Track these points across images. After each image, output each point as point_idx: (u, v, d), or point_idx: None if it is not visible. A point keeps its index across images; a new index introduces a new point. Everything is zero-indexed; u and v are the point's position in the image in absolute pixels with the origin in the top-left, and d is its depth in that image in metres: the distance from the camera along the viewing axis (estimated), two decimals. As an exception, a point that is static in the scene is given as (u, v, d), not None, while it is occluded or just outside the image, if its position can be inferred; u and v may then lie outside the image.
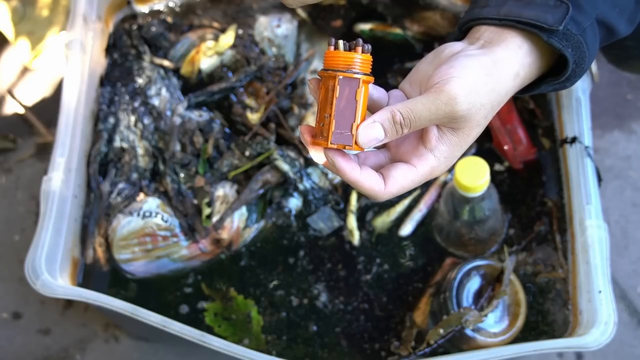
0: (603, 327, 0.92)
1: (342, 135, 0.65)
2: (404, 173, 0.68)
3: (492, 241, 1.07)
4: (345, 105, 0.65)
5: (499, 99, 0.68)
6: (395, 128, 0.66)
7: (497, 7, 0.70)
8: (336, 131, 0.65)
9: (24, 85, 1.44)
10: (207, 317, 1.05)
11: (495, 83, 0.67)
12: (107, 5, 1.23)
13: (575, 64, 0.70)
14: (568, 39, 0.68)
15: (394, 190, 0.68)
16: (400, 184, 0.68)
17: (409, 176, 0.68)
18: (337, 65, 0.65)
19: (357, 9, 1.27)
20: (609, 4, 0.72)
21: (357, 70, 0.65)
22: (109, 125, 1.14)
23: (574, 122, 1.07)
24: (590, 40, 0.70)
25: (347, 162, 0.66)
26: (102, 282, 1.08)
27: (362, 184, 0.67)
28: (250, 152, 1.13)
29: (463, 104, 0.65)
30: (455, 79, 0.65)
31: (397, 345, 1.03)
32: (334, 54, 0.66)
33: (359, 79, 0.65)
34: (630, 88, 1.38)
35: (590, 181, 1.02)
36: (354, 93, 0.65)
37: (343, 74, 0.65)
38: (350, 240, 1.10)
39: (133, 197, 1.09)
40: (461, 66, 0.66)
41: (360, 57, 0.65)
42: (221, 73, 1.19)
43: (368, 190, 0.67)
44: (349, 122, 0.65)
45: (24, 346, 1.21)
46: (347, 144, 0.65)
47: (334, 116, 0.65)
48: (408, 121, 0.65)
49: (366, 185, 0.67)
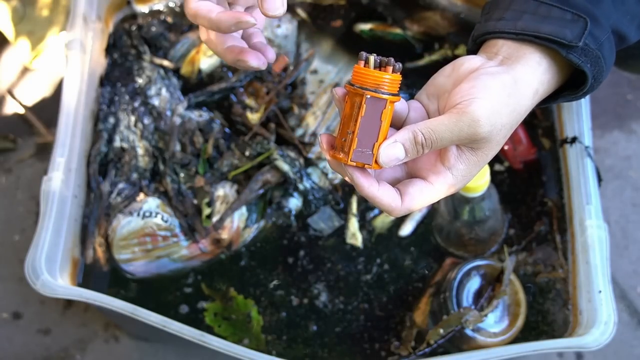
0: (603, 327, 0.92)
1: (363, 154, 0.65)
2: (420, 189, 0.68)
3: (492, 241, 1.07)
4: (370, 124, 0.65)
5: (519, 118, 0.68)
6: (416, 148, 0.65)
7: (513, 21, 0.69)
8: (357, 149, 0.65)
9: (24, 85, 1.44)
10: (207, 317, 1.05)
11: (516, 104, 0.67)
12: (107, 5, 1.23)
13: (593, 79, 0.69)
14: (587, 54, 0.68)
15: (411, 206, 0.68)
16: (417, 201, 0.68)
17: (426, 193, 0.68)
18: (366, 84, 0.64)
19: (357, 9, 1.27)
20: (620, 13, 0.71)
21: (386, 91, 0.64)
22: (109, 125, 1.14)
23: (574, 122, 1.07)
24: (607, 53, 0.70)
25: (366, 178, 0.66)
26: (102, 282, 1.08)
27: (379, 200, 0.67)
28: (250, 152, 1.13)
29: (485, 126, 0.64)
30: (477, 100, 0.64)
31: (397, 345, 1.03)
32: (364, 71, 0.64)
33: (386, 100, 0.64)
34: (630, 88, 1.38)
35: (590, 181, 1.02)
36: (380, 114, 0.64)
37: (371, 93, 0.64)
38: (353, 243, 1.09)
39: (133, 197, 1.09)
40: (483, 86, 0.65)
41: (389, 77, 0.64)
42: (221, 73, 1.19)
43: (385, 207, 0.67)
44: (371, 141, 0.65)
45: (24, 346, 1.21)
46: (367, 162, 0.65)
47: (357, 134, 0.64)
48: (430, 142, 0.65)
49: (384, 201, 0.67)
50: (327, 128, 1.15)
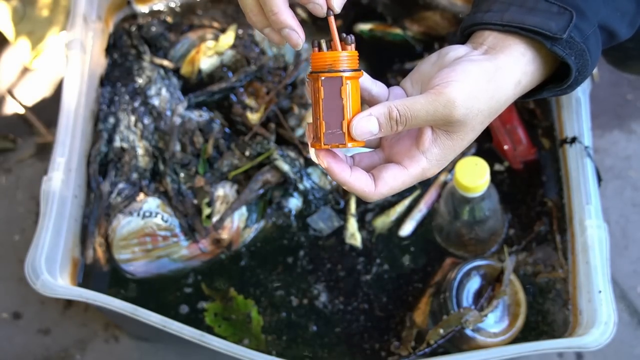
0: (603, 327, 0.92)
1: (334, 134, 0.65)
2: (394, 174, 0.68)
3: (492, 241, 1.07)
4: (332, 104, 0.65)
5: (498, 106, 0.68)
6: (390, 124, 0.66)
7: (500, 13, 0.70)
8: (327, 132, 0.65)
9: (24, 85, 1.44)
10: (207, 317, 1.05)
11: (495, 90, 0.67)
12: (107, 5, 1.23)
13: (577, 72, 0.69)
14: (571, 46, 0.68)
15: (384, 191, 0.68)
16: (390, 185, 0.68)
17: (399, 177, 0.68)
18: (322, 66, 0.65)
19: (357, 9, 1.27)
20: (610, 9, 0.72)
21: (344, 68, 0.65)
22: (109, 125, 1.14)
23: (574, 122, 1.07)
24: (592, 47, 0.70)
25: (338, 164, 0.67)
26: (102, 282, 1.08)
27: (352, 185, 0.68)
28: (250, 152, 1.13)
29: (461, 109, 0.65)
30: (455, 82, 0.65)
31: (397, 345, 1.03)
32: (317, 55, 0.66)
33: (340, 77, 0.65)
34: (630, 88, 1.38)
35: (590, 181, 1.02)
36: (338, 91, 0.65)
37: (325, 74, 0.65)
38: (352, 243, 1.09)
39: (133, 197, 1.09)
40: (462, 70, 0.66)
41: (345, 54, 0.65)
42: (221, 73, 1.19)
43: (358, 191, 0.68)
44: (337, 120, 0.65)
45: (24, 346, 1.21)
46: (340, 142, 0.65)
47: (322, 117, 0.65)
48: (404, 118, 0.65)
49: (356, 186, 0.68)
50: (327, 128, 1.15)
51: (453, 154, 0.69)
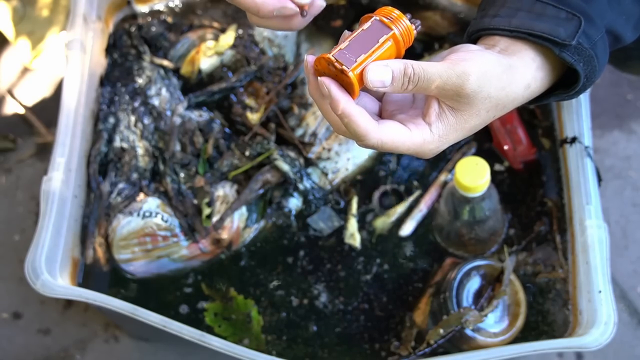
0: (603, 327, 0.92)
1: (347, 57, 0.64)
2: (397, 128, 0.66)
3: (492, 241, 1.07)
4: (367, 38, 0.64)
5: (505, 103, 0.68)
6: (403, 80, 0.65)
7: (508, 18, 0.70)
8: (344, 50, 0.64)
9: (24, 85, 1.44)
10: (207, 317, 1.05)
11: (507, 84, 0.67)
12: (107, 5, 1.23)
13: (585, 78, 0.69)
14: (580, 53, 0.68)
15: (384, 137, 0.66)
16: (391, 138, 0.66)
17: (402, 134, 0.66)
18: (381, 14, 0.66)
19: (357, 9, 1.27)
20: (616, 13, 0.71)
21: (396, 29, 0.65)
22: (109, 125, 1.14)
23: (574, 122, 1.07)
24: (600, 53, 0.70)
25: (344, 94, 0.65)
26: (102, 282, 1.08)
27: (355, 119, 0.65)
28: (250, 152, 1.13)
29: (473, 84, 0.64)
30: (472, 59, 0.65)
31: (397, 345, 1.03)
32: (387, 8, 0.66)
33: (392, 31, 0.65)
34: (630, 88, 1.38)
35: (590, 181, 1.02)
36: (380, 35, 0.65)
37: (381, 18, 0.65)
38: (351, 244, 1.09)
39: (133, 197, 1.09)
40: (480, 55, 0.66)
41: (405, 21, 0.66)
42: (221, 73, 1.19)
43: (359, 127, 0.65)
44: (360, 51, 0.64)
45: (24, 346, 1.21)
46: (346, 65, 0.63)
47: (350, 39, 0.64)
48: (417, 78, 0.65)
49: (359, 120, 0.65)
50: (327, 128, 1.15)
51: (454, 134, 0.68)
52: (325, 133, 1.15)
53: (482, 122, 0.69)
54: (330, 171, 1.13)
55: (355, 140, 0.67)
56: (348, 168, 1.14)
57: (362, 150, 1.15)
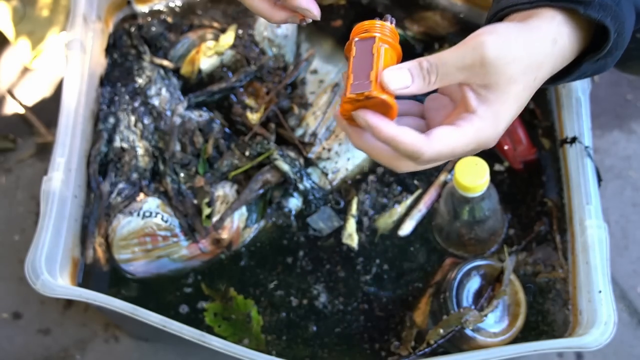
0: (603, 327, 0.92)
1: (360, 84, 0.63)
2: (446, 132, 0.63)
3: (492, 241, 1.07)
4: (362, 60, 0.64)
5: (538, 59, 0.66)
6: (422, 74, 0.63)
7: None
8: (354, 82, 0.63)
9: (24, 85, 1.44)
10: (207, 317, 1.05)
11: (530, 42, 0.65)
12: (107, 5, 1.23)
13: (616, 33, 0.67)
14: (605, 9, 0.66)
15: (438, 147, 0.63)
16: (445, 143, 0.63)
17: (453, 135, 0.63)
18: (356, 34, 0.66)
19: (357, 9, 1.27)
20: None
21: (377, 33, 0.65)
22: (109, 125, 1.15)
23: (574, 122, 1.07)
24: (626, 11, 0.68)
25: (379, 118, 0.63)
26: (102, 282, 1.08)
27: (402, 139, 0.62)
28: (250, 152, 1.13)
29: (491, 50, 0.63)
30: (485, 31, 0.64)
31: (397, 345, 1.03)
32: (357, 26, 0.67)
33: (374, 37, 0.65)
34: (630, 88, 1.38)
35: (590, 181, 1.02)
36: (370, 49, 0.64)
37: (359, 36, 0.65)
38: (348, 244, 1.09)
39: (133, 197, 1.09)
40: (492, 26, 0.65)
41: (379, 23, 0.65)
42: (221, 73, 1.19)
43: (409, 147, 0.62)
44: (366, 72, 0.63)
45: (24, 346, 1.21)
46: (365, 90, 0.63)
47: (351, 71, 0.64)
48: (435, 68, 0.63)
49: (407, 140, 0.62)
50: (327, 128, 1.15)
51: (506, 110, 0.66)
52: (325, 133, 1.15)
53: (525, 86, 0.66)
54: (330, 171, 1.13)
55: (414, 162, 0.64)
56: (348, 168, 1.14)
57: (362, 150, 1.15)
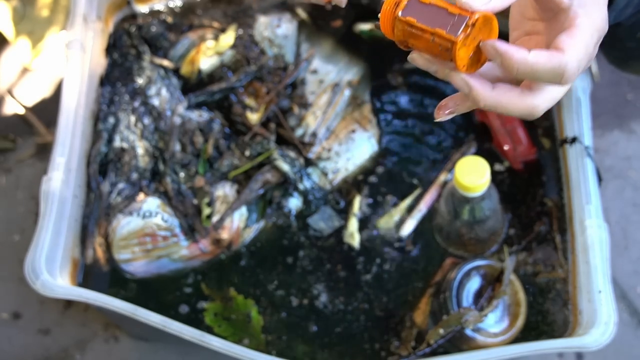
0: (603, 327, 0.92)
1: (453, 25, 0.57)
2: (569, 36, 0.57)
3: (492, 241, 1.07)
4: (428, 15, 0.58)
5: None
6: None
7: None
8: (448, 29, 0.57)
9: (24, 85, 1.44)
10: (207, 317, 1.05)
11: None
12: (107, 5, 1.23)
13: None
14: None
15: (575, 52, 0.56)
16: (576, 47, 0.56)
17: (578, 35, 0.56)
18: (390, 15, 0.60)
19: (357, 9, 1.27)
20: None
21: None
22: (109, 125, 1.14)
23: (574, 122, 1.07)
24: None
25: (507, 44, 0.56)
26: (102, 282, 1.08)
27: (539, 59, 0.55)
28: (250, 152, 1.13)
29: None
30: None
31: (397, 345, 1.03)
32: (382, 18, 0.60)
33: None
34: (631, 88, 1.38)
35: (590, 181, 1.02)
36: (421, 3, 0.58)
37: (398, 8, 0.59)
38: (350, 243, 1.10)
39: (133, 197, 1.09)
40: None
41: None
42: (221, 73, 1.19)
43: (549, 64, 0.56)
44: (444, 16, 0.57)
45: (24, 346, 1.21)
46: (464, 21, 0.56)
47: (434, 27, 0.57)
48: None
49: (544, 59, 0.55)
50: (327, 128, 1.15)
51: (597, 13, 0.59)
52: (325, 133, 1.15)
53: None
54: (330, 171, 1.13)
55: (558, 83, 0.58)
56: (348, 168, 1.14)
57: (362, 150, 1.15)
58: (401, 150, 1.16)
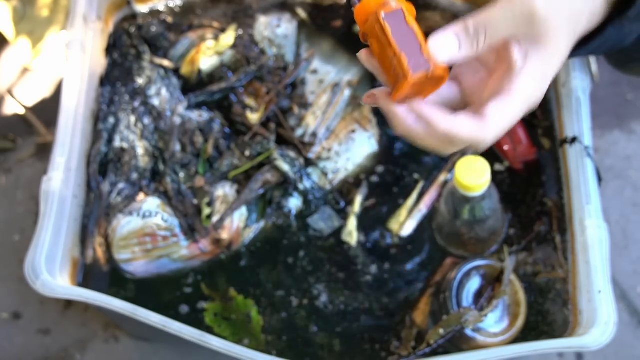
0: (603, 327, 0.92)
1: (417, 63, 0.58)
2: (501, 106, 0.59)
3: (492, 241, 1.07)
4: (402, 35, 0.59)
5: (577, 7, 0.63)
6: (469, 37, 0.59)
7: None
8: (410, 62, 0.58)
9: (24, 85, 1.44)
10: (207, 317, 1.05)
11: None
12: (107, 5, 1.23)
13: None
14: None
15: (498, 127, 0.59)
16: (502, 120, 0.59)
17: (508, 107, 0.59)
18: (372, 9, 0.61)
19: (357, 9, 1.27)
20: None
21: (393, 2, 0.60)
22: (109, 125, 1.15)
23: (574, 122, 1.07)
24: None
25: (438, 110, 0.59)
26: (102, 282, 1.08)
27: (460, 130, 0.58)
28: (250, 152, 1.13)
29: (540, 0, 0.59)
30: None
31: (397, 345, 1.03)
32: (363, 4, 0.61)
33: (400, 7, 0.60)
34: (631, 88, 1.38)
35: (590, 181, 1.02)
36: (404, 21, 0.60)
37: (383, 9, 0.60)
38: (347, 241, 1.10)
39: (133, 197, 1.09)
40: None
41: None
42: (221, 73, 1.19)
43: (467, 137, 0.59)
44: (415, 48, 0.59)
45: (24, 346, 1.21)
46: (427, 68, 0.58)
47: (400, 50, 0.59)
48: (483, 27, 0.59)
49: (465, 131, 0.58)
50: (327, 128, 1.15)
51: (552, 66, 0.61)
52: (325, 133, 1.15)
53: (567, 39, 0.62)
54: (330, 171, 1.13)
55: (476, 149, 0.61)
56: (348, 168, 1.14)
57: (362, 150, 1.15)
58: (401, 150, 1.16)
